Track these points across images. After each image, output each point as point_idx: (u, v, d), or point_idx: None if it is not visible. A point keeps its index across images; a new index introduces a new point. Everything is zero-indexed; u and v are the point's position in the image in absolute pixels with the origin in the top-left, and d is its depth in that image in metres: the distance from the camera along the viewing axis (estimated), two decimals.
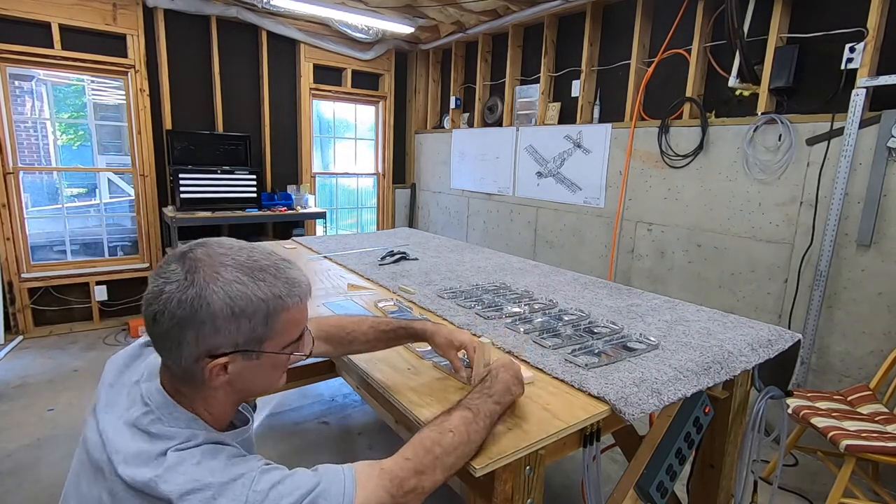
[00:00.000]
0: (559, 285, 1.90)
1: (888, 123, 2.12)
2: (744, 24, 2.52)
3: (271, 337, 0.73)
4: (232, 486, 0.65)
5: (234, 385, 0.74)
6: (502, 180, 4.17)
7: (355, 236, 3.09)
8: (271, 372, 0.77)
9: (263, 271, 0.72)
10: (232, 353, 0.70)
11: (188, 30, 3.82)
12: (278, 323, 0.73)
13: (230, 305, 0.68)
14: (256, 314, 0.70)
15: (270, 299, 0.71)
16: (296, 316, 0.76)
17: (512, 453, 0.86)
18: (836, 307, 2.35)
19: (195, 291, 0.66)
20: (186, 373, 0.71)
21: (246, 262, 0.71)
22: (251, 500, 0.64)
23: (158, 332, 0.69)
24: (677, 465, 1.24)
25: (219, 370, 0.71)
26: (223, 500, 0.64)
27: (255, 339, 0.71)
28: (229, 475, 0.66)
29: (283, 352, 0.76)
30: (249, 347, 0.71)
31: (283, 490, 0.67)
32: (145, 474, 0.65)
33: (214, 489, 0.64)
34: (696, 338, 1.37)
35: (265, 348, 0.73)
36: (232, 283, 0.68)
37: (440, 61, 4.91)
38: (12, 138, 3.38)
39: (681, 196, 2.95)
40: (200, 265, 0.68)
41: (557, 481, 2.21)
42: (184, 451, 0.68)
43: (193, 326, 0.67)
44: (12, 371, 3.05)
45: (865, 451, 1.73)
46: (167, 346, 0.69)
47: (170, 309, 0.66)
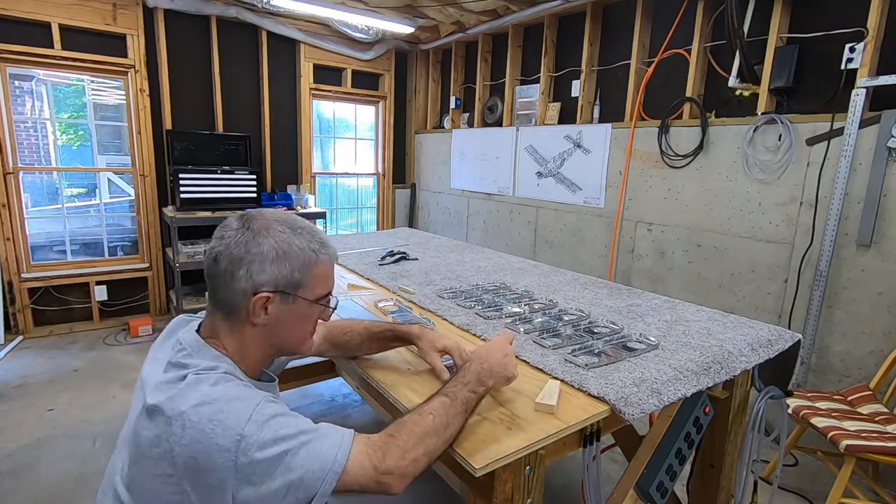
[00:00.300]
0: (559, 285, 1.90)
1: (888, 123, 2.12)
2: (744, 24, 2.52)
3: (305, 285, 0.86)
4: (238, 404, 0.74)
5: (270, 330, 0.86)
6: (502, 180, 4.17)
7: (355, 236, 3.09)
8: (302, 324, 0.89)
9: (303, 229, 0.88)
10: (273, 291, 0.83)
11: (188, 30, 3.82)
12: (311, 273, 0.86)
13: (276, 248, 0.83)
14: (296, 260, 0.84)
15: (307, 250, 0.85)
16: (325, 271, 0.89)
17: (512, 453, 0.86)
18: (836, 307, 2.35)
19: (250, 236, 0.83)
20: (234, 309, 0.83)
21: (290, 221, 0.88)
22: (254, 419, 0.72)
23: (217, 271, 0.83)
24: (677, 465, 1.24)
25: (261, 307, 0.83)
26: (229, 413, 0.72)
27: (292, 283, 0.84)
28: (238, 395, 0.76)
29: (314, 302, 0.88)
30: (288, 290, 0.84)
31: (284, 421, 0.75)
32: (163, 394, 0.75)
33: (222, 403, 0.73)
34: (696, 338, 1.37)
35: (300, 294, 0.86)
36: (278, 233, 0.84)
37: (440, 61, 4.91)
38: (12, 138, 3.38)
39: (681, 196, 2.95)
40: (255, 219, 0.86)
41: (557, 481, 2.21)
42: (202, 374, 0.77)
43: (245, 263, 0.82)
44: (12, 371, 3.05)
45: (865, 451, 1.73)
46: (223, 282, 0.83)
47: (230, 248, 0.82)
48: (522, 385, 1.08)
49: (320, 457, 0.74)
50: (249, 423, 0.72)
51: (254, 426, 0.72)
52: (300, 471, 0.72)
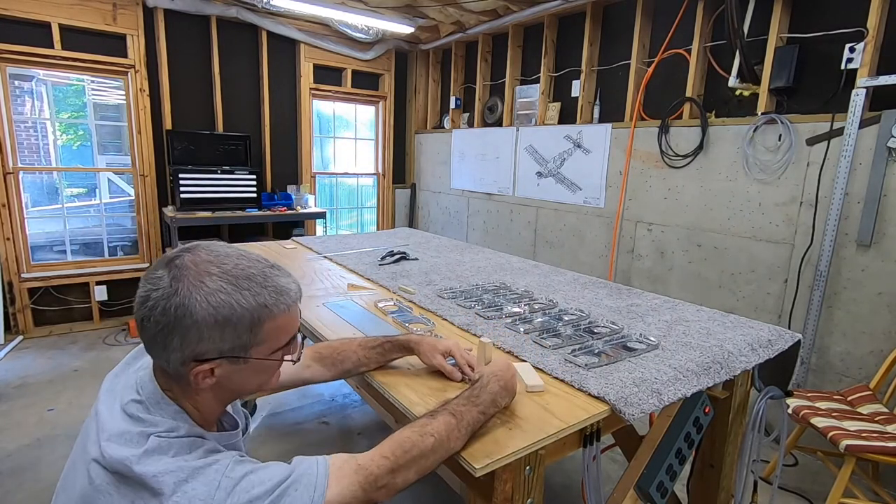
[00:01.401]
0: (559, 285, 1.90)
1: (888, 123, 2.12)
2: (744, 24, 2.52)
3: (257, 344, 0.74)
4: (205, 471, 0.67)
5: (222, 386, 0.76)
6: (502, 180, 4.17)
7: (355, 236, 3.09)
8: (259, 375, 0.78)
9: (249, 280, 0.72)
10: (217, 358, 0.72)
11: (188, 30, 3.82)
12: (263, 331, 0.74)
13: (213, 315, 0.69)
14: (241, 323, 0.71)
15: (255, 308, 0.72)
16: (283, 323, 0.76)
17: (512, 453, 0.86)
18: (836, 307, 2.35)
19: (178, 301, 0.68)
20: (175, 373, 0.73)
21: (232, 271, 0.72)
22: (223, 485, 0.66)
23: (146, 337, 0.71)
24: (677, 465, 1.24)
25: (205, 374, 0.72)
26: (196, 483, 0.65)
27: (240, 346, 0.73)
28: (204, 462, 0.68)
29: (270, 358, 0.77)
30: (235, 354, 0.73)
31: (254, 479, 0.68)
32: (124, 452, 0.66)
33: (188, 472, 0.66)
34: (696, 338, 1.37)
35: (251, 354, 0.74)
36: (216, 293, 0.69)
37: (440, 61, 4.91)
38: (12, 138, 3.38)
39: (681, 196, 2.95)
40: (185, 273, 0.69)
41: (557, 481, 2.21)
42: (163, 438, 0.69)
43: (178, 332, 0.68)
44: (12, 371, 3.05)
45: (865, 451, 1.73)
46: (155, 349, 0.72)
47: (155, 316, 0.68)
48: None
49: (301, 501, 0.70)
50: (219, 491, 0.65)
51: (223, 494, 0.65)
52: None
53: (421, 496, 2.07)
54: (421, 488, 2.10)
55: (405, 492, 0.80)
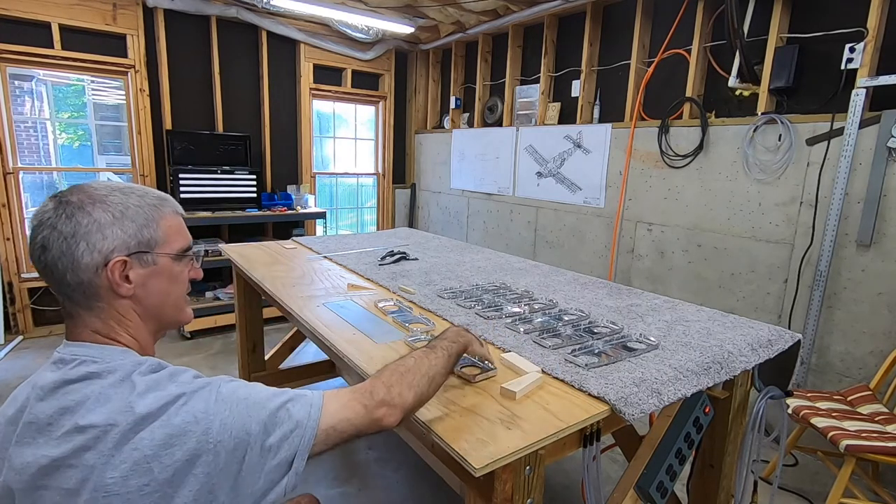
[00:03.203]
0: (559, 285, 1.90)
1: (888, 123, 2.12)
2: (744, 24, 2.52)
3: (160, 240, 0.79)
4: (200, 392, 0.70)
5: (140, 301, 0.78)
6: (502, 180, 4.17)
7: (355, 236, 3.09)
8: (173, 285, 0.83)
9: (131, 189, 0.79)
10: (128, 255, 0.75)
11: (188, 30, 3.82)
12: (160, 227, 0.79)
13: (111, 212, 0.74)
14: (138, 217, 0.76)
15: (145, 206, 0.78)
16: (175, 224, 0.83)
17: (512, 453, 0.86)
18: (836, 307, 2.35)
19: (74, 209, 0.72)
20: (90, 290, 0.73)
21: (113, 185, 0.79)
22: (220, 398, 0.70)
23: (54, 258, 0.71)
24: (677, 465, 1.24)
25: (120, 276, 0.74)
26: (193, 401, 0.68)
27: (144, 241, 0.77)
28: (198, 384, 0.72)
29: (177, 259, 0.82)
30: (142, 249, 0.77)
31: (251, 389, 0.74)
32: (115, 409, 0.66)
33: (186, 396, 0.69)
34: (696, 338, 1.37)
35: (158, 251, 0.79)
36: (107, 198, 0.75)
37: (440, 61, 4.91)
38: (12, 138, 3.38)
39: (681, 196, 2.95)
40: (71, 192, 0.74)
41: (557, 481, 2.21)
42: (142, 375, 0.71)
43: (82, 237, 0.71)
44: (12, 371, 3.05)
45: (865, 451, 1.73)
46: (65, 266, 0.71)
47: (57, 228, 0.71)
48: None
49: (304, 405, 0.76)
50: (217, 404, 0.71)
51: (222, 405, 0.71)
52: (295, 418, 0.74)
53: (421, 496, 2.07)
54: (421, 488, 2.10)
55: (406, 492, 0.80)
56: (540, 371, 1.13)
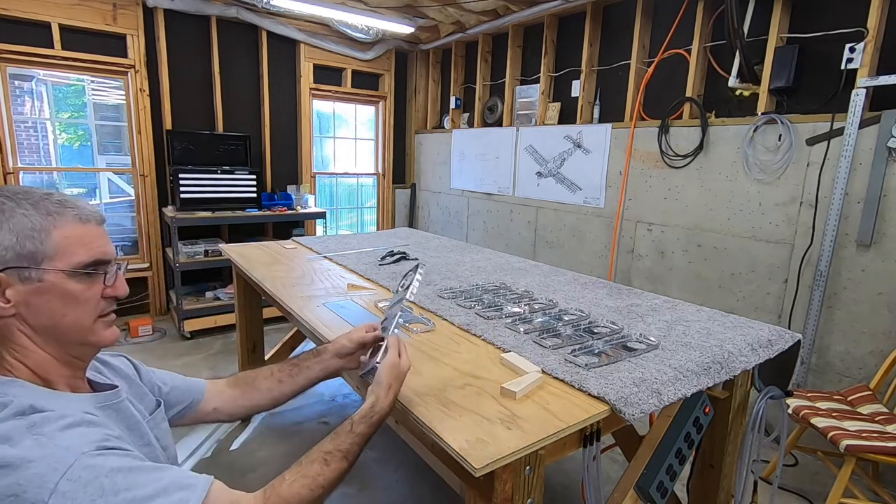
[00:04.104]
0: (559, 285, 1.90)
1: (888, 123, 2.12)
2: (744, 24, 2.52)
3: (49, 256, 0.69)
4: (48, 461, 0.59)
5: (27, 321, 0.69)
6: (502, 180, 4.16)
7: (355, 236, 3.09)
8: (68, 303, 0.71)
9: (28, 194, 0.70)
10: (1, 270, 0.67)
11: (188, 30, 3.82)
12: (52, 240, 0.69)
13: None
14: (19, 228, 0.67)
15: (34, 215, 0.69)
16: (76, 234, 0.71)
17: (512, 453, 0.86)
18: (836, 307, 2.35)
19: None
20: None
21: (13, 190, 0.71)
22: (62, 488, 0.57)
23: None
24: (677, 465, 1.24)
25: None
26: (31, 470, 0.58)
27: (25, 255, 0.68)
28: (53, 452, 0.59)
29: (71, 275, 0.71)
30: (22, 264, 0.67)
31: (112, 483, 0.60)
32: None
33: (26, 463, 0.58)
34: (696, 338, 1.37)
35: (44, 265, 0.69)
36: None
37: (440, 61, 4.91)
38: (12, 138, 3.38)
39: (681, 196, 2.95)
40: None
41: (557, 481, 2.21)
42: (2, 422, 0.62)
43: None
44: None
45: (865, 451, 1.73)
46: None
47: None
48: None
49: None
50: (55, 496, 0.57)
51: (61, 498, 0.57)
52: None
53: (421, 496, 2.07)
54: (421, 488, 2.10)
55: (406, 492, 0.80)
56: (540, 371, 1.13)
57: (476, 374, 1.15)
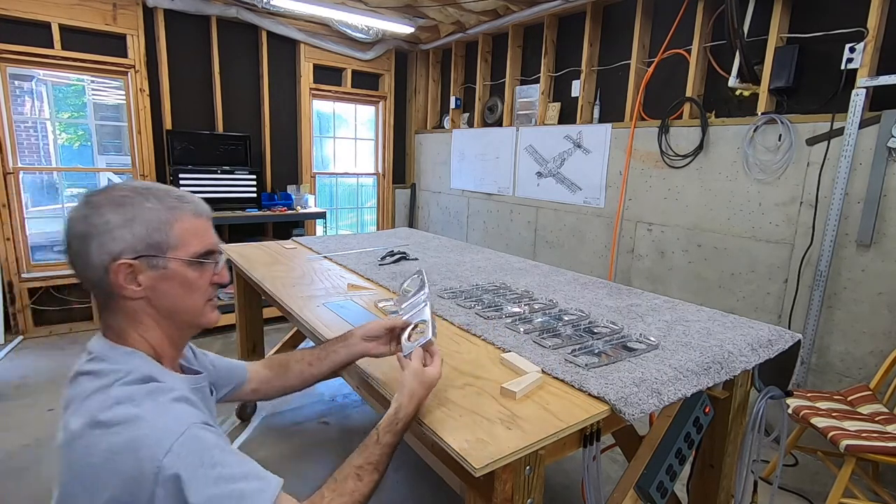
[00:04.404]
0: (559, 285, 1.90)
1: (888, 123, 2.12)
2: (744, 24, 2.52)
3: (173, 246, 0.79)
4: (164, 420, 0.69)
5: (153, 303, 0.79)
6: (502, 180, 4.16)
7: (355, 236, 3.09)
8: (187, 290, 0.82)
9: (150, 190, 0.80)
10: (134, 258, 0.76)
11: (188, 30, 3.82)
12: (174, 231, 0.79)
13: (122, 215, 0.76)
14: (149, 221, 0.77)
15: (160, 209, 0.79)
16: (193, 226, 0.82)
17: (512, 453, 0.86)
18: (836, 307, 2.35)
19: (91, 210, 0.76)
20: (102, 288, 0.77)
21: (135, 187, 0.80)
22: (175, 450, 0.66)
23: (72, 255, 0.77)
24: (677, 465, 1.24)
25: (127, 276, 0.76)
26: (149, 429, 0.67)
27: (154, 245, 0.77)
28: (167, 415, 0.70)
29: (190, 264, 0.80)
30: (151, 253, 0.77)
31: (212, 458, 0.69)
32: (91, 410, 0.70)
33: (145, 422, 0.68)
34: (696, 338, 1.37)
35: (169, 255, 0.79)
36: (122, 200, 0.77)
37: (440, 61, 4.91)
38: (12, 138, 3.38)
39: (681, 196, 2.95)
40: (96, 194, 0.78)
41: (557, 481, 2.21)
42: (125, 387, 0.72)
43: (94, 237, 0.75)
44: (12, 371, 3.05)
45: (865, 451, 1.73)
46: (81, 264, 0.76)
47: (74, 229, 0.76)
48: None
49: None
50: (169, 455, 0.66)
51: (173, 459, 0.66)
52: None
53: (421, 496, 2.07)
54: (421, 488, 2.10)
55: (406, 492, 0.80)
56: (540, 371, 1.13)
57: (476, 374, 1.15)
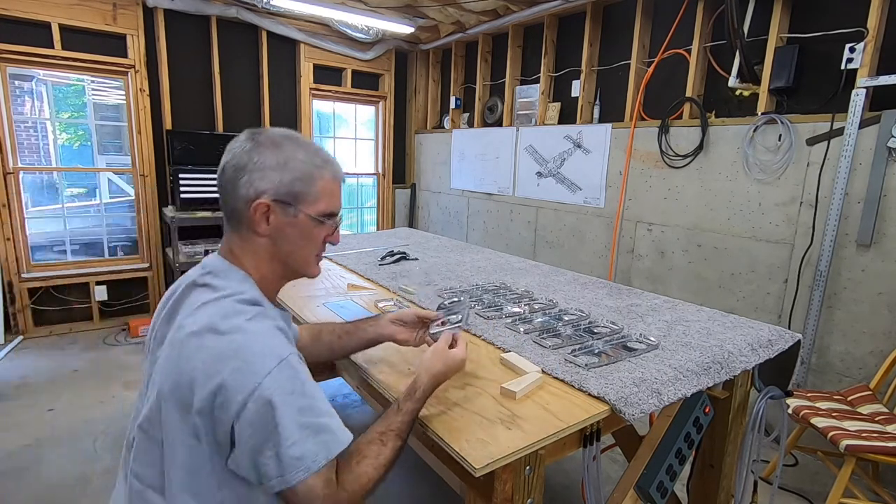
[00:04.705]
0: (559, 285, 1.90)
1: (888, 123, 2.12)
2: (744, 24, 2.52)
3: (307, 199, 0.87)
4: (269, 348, 0.77)
5: (274, 243, 0.88)
6: (502, 180, 4.16)
7: (355, 236, 3.09)
8: (305, 241, 0.90)
9: (308, 145, 0.90)
10: (273, 200, 0.85)
11: (188, 30, 3.82)
12: (313, 187, 0.87)
13: (276, 158, 0.85)
14: (296, 171, 0.86)
15: (309, 163, 0.87)
16: (328, 187, 0.89)
17: (512, 453, 0.86)
18: (836, 307, 2.35)
19: (254, 146, 0.86)
20: (239, 217, 0.86)
21: (295, 137, 0.89)
22: (275, 373, 0.74)
23: (224, 180, 0.87)
24: (677, 465, 1.24)
25: (262, 214, 0.85)
26: (257, 354, 0.75)
27: (293, 194, 0.86)
28: (271, 345, 0.78)
29: (316, 220, 0.88)
30: (288, 200, 0.86)
31: (302, 390, 0.77)
32: (209, 316, 0.79)
33: (257, 342, 0.77)
34: (696, 338, 1.37)
35: (302, 208, 0.87)
36: (281, 145, 0.86)
37: (440, 61, 4.91)
38: (12, 138, 3.38)
39: (681, 196, 2.95)
40: (262, 133, 0.88)
41: (557, 481, 2.21)
42: (238, 303, 0.81)
43: (247, 171, 0.84)
44: (12, 371, 3.05)
45: (865, 451, 1.73)
46: (228, 191, 0.86)
47: (235, 158, 0.86)
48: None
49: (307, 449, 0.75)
50: (269, 377, 0.73)
51: (272, 381, 0.73)
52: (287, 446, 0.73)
53: (421, 496, 2.07)
54: (421, 488, 2.09)
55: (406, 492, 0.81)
56: (540, 371, 1.13)
57: (476, 374, 1.15)
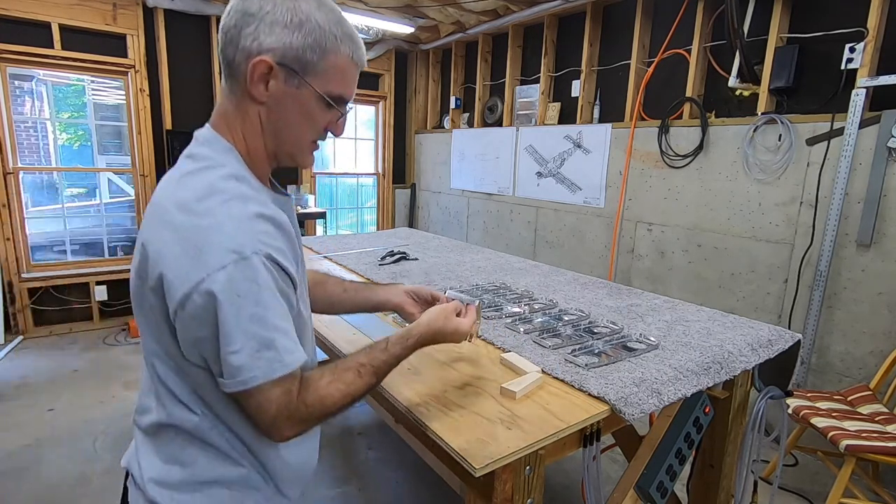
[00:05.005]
0: (559, 285, 1.90)
1: (888, 123, 2.12)
2: (744, 24, 2.52)
3: (315, 71, 0.75)
4: (231, 241, 0.68)
5: (269, 114, 0.78)
6: (502, 180, 4.16)
7: (355, 236, 3.09)
8: (304, 120, 0.79)
9: (332, 10, 0.76)
10: (278, 63, 0.73)
11: (188, 30, 3.82)
12: (325, 59, 0.75)
13: (292, 13, 0.72)
14: (310, 35, 0.73)
15: (327, 30, 0.74)
16: (343, 65, 0.77)
17: (512, 453, 0.86)
18: (836, 307, 2.35)
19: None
20: (235, 73, 0.75)
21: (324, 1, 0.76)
22: (230, 269, 0.66)
23: (227, 26, 0.74)
24: (677, 465, 1.24)
25: (261, 75, 0.74)
26: (216, 244, 0.67)
27: (301, 61, 0.74)
28: (236, 237, 0.68)
29: (322, 94, 0.77)
30: (294, 67, 0.74)
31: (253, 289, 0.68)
32: (185, 195, 0.72)
33: (222, 230, 0.68)
34: (696, 338, 1.37)
35: (307, 80, 0.75)
36: (302, 2, 0.73)
37: (440, 61, 4.91)
38: (12, 138, 3.38)
39: (681, 196, 2.95)
40: None
41: (557, 481, 2.21)
42: (221, 179, 0.74)
43: (255, 20, 0.72)
44: (12, 371, 3.05)
45: (865, 451, 1.73)
46: (229, 38, 0.74)
47: (245, 2, 0.73)
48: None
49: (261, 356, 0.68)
50: (221, 271, 0.66)
51: (223, 276, 0.66)
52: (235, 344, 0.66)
53: (421, 496, 2.07)
54: (421, 488, 2.10)
55: (406, 492, 0.80)
56: (540, 371, 1.13)
57: (476, 374, 1.15)
